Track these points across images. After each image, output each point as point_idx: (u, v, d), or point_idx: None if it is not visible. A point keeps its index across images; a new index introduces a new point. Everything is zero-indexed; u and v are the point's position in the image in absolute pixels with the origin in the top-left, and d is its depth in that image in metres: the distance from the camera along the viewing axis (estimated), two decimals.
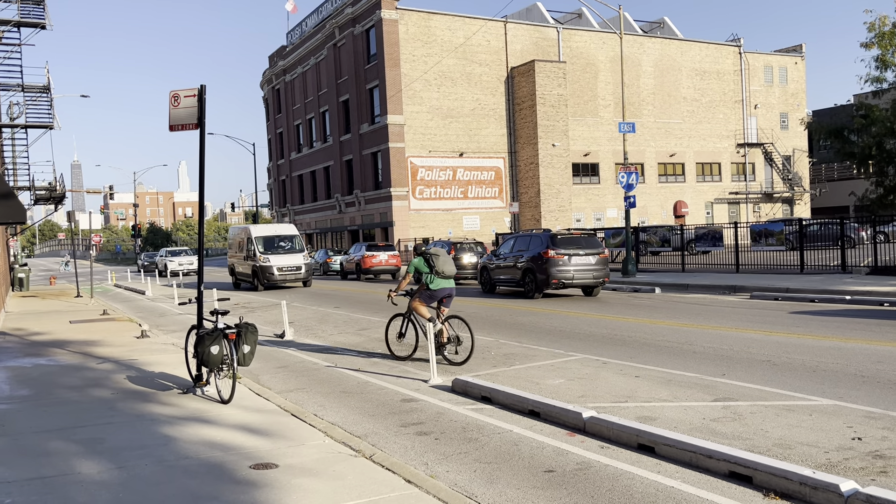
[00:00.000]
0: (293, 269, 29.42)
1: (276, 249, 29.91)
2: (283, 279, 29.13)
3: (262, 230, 30.78)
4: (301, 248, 30.80)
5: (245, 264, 30.62)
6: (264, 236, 30.09)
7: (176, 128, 9.75)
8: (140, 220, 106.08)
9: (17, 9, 25.45)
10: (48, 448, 7.25)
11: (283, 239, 30.53)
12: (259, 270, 29.24)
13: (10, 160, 30.35)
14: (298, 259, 29.83)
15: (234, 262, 32.41)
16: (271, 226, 32.75)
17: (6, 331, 17.73)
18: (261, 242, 29.73)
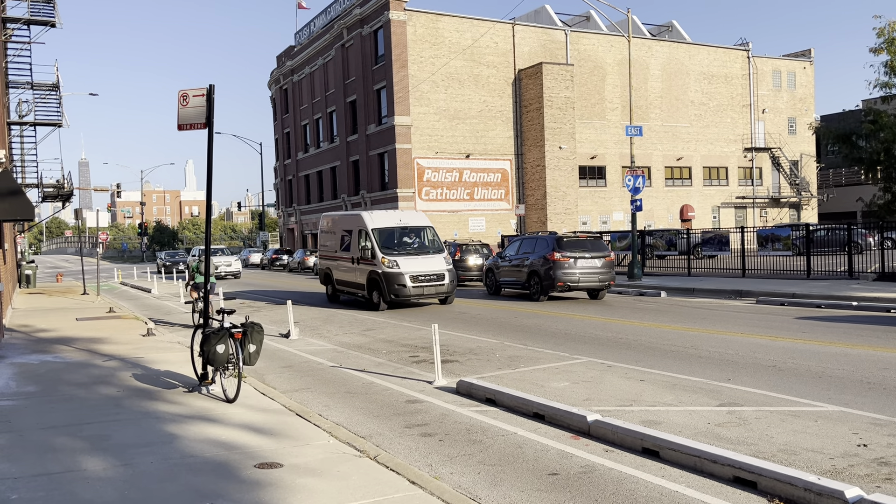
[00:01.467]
0: (433, 279, 20.11)
1: (402, 248, 20.89)
2: (418, 293, 19.94)
3: (380, 219, 21.48)
4: (439, 246, 21.46)
5: (353, 269, 21.69)
6: (383, 228, 21.07)
7: (184, 127, 9.79)
8: (147, 219, 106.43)
9: (28, 7, 25.59)
10: (54, 444, 7.29)
11: (411, 232, 21.56)
12: (382, 279, 19.94)
13: (19, 157, 30.50)
14: (438, 263, 20.52)
15: (329, 266, 23.59)
16: (390, 213, 22.41)
17: (13, 327, 17.81)
18: (379, 237, 20.68)
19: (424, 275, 19.92)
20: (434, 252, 20.91)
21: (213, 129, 9.77)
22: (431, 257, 20.55)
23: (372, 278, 20.32)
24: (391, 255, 20.07)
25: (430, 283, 19.96)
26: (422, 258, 20.35)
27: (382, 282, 19.82)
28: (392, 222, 21.33)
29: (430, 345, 10.52)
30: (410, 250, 20.76)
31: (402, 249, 20.64)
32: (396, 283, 19.70)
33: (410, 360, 12.25)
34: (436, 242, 21.49)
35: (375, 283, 20.20)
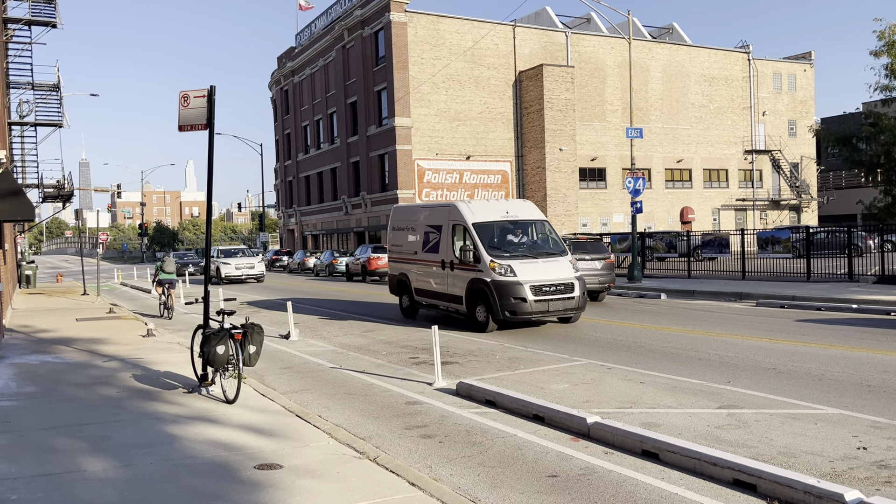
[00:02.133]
0: (560, 291, 15.25)
1: (513, 249, 16.03)
2: (541, 309, 15.04)
3: (481, 210, 16.56)
4: (561, 246, 16.67)
5: (443, 276, 16.76)
6: (487, 223, 16.19)
7: (185, 128, 9.80)
8: (147, 219, 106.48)
9: (29, 7, 25.62)
10: (54, 445, 7.29)
11: (521, 227, 16.66)
12: (492, 291, 15.02)
13: (20, 158, 30.51)
14: (564, 269, 15.64)
15: (405, 271, 18.53)
16: (493, 204, 17.27)
17: (13, 328, 17.81)
18: (482, 234, 15.91)
19: (549, 285, 15.15)
20: (557, 254, 16.10)
21: (213, 131, 9.78)
22: (555, 261, 15.76)
23: (475, 289, 15.50)
24: (502, 259, 15.32)
25: (557, 296, 15.16)
26: (542, 262, 15.59)
27: (492, 294, 14.95)
28: (497, 214, 16.50)
29: (430, 346, 10.53)
30: (525, 251, 16.04)
31: (513, 250, 15.89)
32: (512, 295, 14.80)
33: (410, 361, 12.26)
34: (556, 241, 16.69)
35: (480, 295, 15.39)
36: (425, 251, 17.54)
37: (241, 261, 37.20)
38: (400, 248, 18.95)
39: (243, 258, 37.73)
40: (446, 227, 16.77)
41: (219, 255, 38.26)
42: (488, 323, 15.35)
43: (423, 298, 17.91)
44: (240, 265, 36.78)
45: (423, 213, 18.47)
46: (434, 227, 17.36)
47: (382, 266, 34.55)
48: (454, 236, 16.44)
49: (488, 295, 15.08)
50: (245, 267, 36.88)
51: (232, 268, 36.57)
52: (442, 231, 16.90)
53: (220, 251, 39.20)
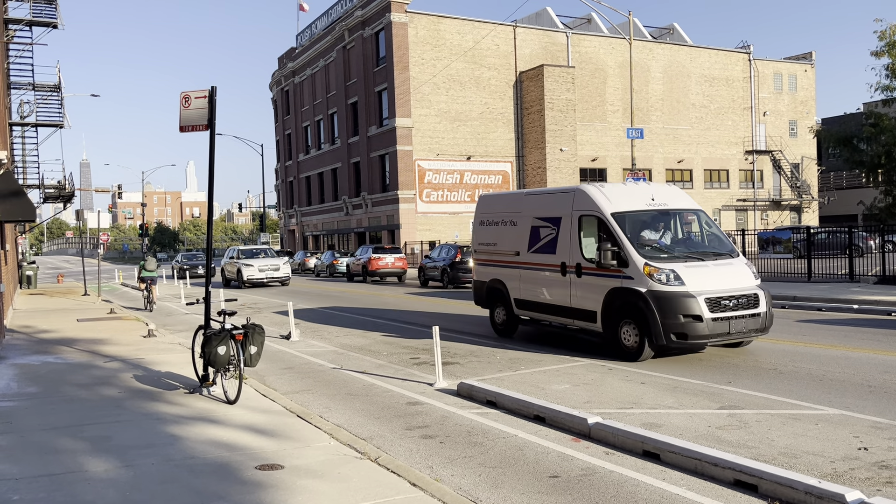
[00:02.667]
0: (743, 306, 11.38)
1: (671, 248, 12.24)
2: (721, 332, 11.11)
3: (620, 196, 12.68)
4: (728, 246, 12.72)
5: (561, 284, 12.98)
6: (632, 213, 12.42)
7: (186, 129, 9.81)
8: (148, 220, 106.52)
9: (30, 8, 25.63)
10: (56, 445, 7.30)
11: (675, 220, 12.88)
12: (651, 306, 11.16)
13: (20, 158, 30.53)
14: (742, 275, 11.82)
15: (501, 276, 14.78)
16: (631, 187, 13.32)
17: (14, 328, 17.82)
18: (629, 228, 12.12)
19: (729, 297, 11.17)
20: (726, 254, 12.19)
21: (214, 131, 9.79)
22: (727, 264, 11.85)
23: (621, 302, 11.56)
24: (660, 261, 11.42)
25: (740, 311, 11.17)
26: (713, 266, 11.65)
27: (651, 310, 11.00)
28: (641, 202, 12.50)
29: (431, 347, 10.54)
30: (687, 252, 12.10)
31: (672, 250, 12.00)
32: (681, 312, 10.91)
33: (411, 361, 12.26)
34: (721, 238, 12.87)
35: (628, 310, 11.43)
36: (533, 251, 13.69)
37: (265, 262, 33.39)
38: (492, 247, 15.07)
39: (267, 259, 33.89)
40: (568, 220, 12.83)
41: (239, 255, 34.47)
42: (641, 349, 11.26)
43: (527, 312, 14.16)
44: (263, 267, 33.02)
45: (528, 201, 14.39)
46: (547, 220, 13.46)
47: (383, 267, 34.56)
48: (581, 231, 12.54)
49: (643, 311, 11.08)
50: (269, 269, 33.14)
51: (255, 270, 32.78)
52: (561, 225, 13.00)
53: (241, 251, 35.25)
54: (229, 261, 35.50)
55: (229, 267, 34.97)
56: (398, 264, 34.93)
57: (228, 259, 36.10)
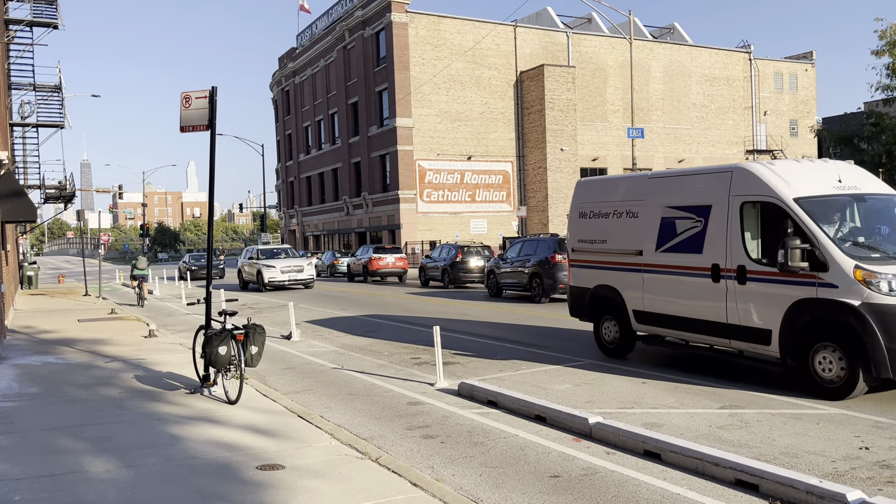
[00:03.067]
0: None
1: (882, 245, 9.20)
2: None
3: (802, 179, 9.56)
4: None
5: (710, 292, 9.99)
6: (825, 199, 9.38)
7: (187, 129, 9.81)
8: (148, 220, 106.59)
9: (30, 8, 25.64)
10: (57, 446, 7.30)
11: (868, 205, 9.70)
12: (868, 325, 8.06)
13: (21, 159, 30.55)
14: None
15: (613, 281, 11.90)
16: (810, 166, 10.01)
17: (15, 328, 17.83)
18: (823, 218, 9.09)
19: None
20: None
21: (215, 131, 9.80)
22: None
23: (822, 320, 8.72)
24: (878, 263, 8.56)
25: None
26: None
27: (871, 330, 8.14)
28: (828, 184, 9.61)
29: (432, 347, 10.54)
30: None
31: (884, 249, 9.17)
32: None
33: (412, 361, 12.26)
34: None
35: (832, 330, 8.64)
36: (665, 250, 10.81)
37: (287, 262, 30.76)
38: (600, 245, 12.12)
39: (289, 259, 31.33)
40: (724, 208, 9.92)
41: (259, 255, 31.59)
42: (851, 384, 8.35)
43: (652, 327, 11.24)
44: (286, 268, 30.32)
45: (655, 186, 11.37)
46: (687, 210, 10.54)
47: (383, 266, 34.56)
48: (745, 223, 9.66)
49: (856, 331, 8.28)
50: (292, 270, 30.40)
51: (276, 271, 30.12)
52: (711, 215, 10.10)
53: (261, 251, 32.33)
54: (248, 262, 32.33)
55: (248, 268, 32.03)
56: (399, 264, 34.91)
57: (247, 260, 32.75)
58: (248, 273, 32.05)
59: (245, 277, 32.47)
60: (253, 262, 31.45)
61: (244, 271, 32.45)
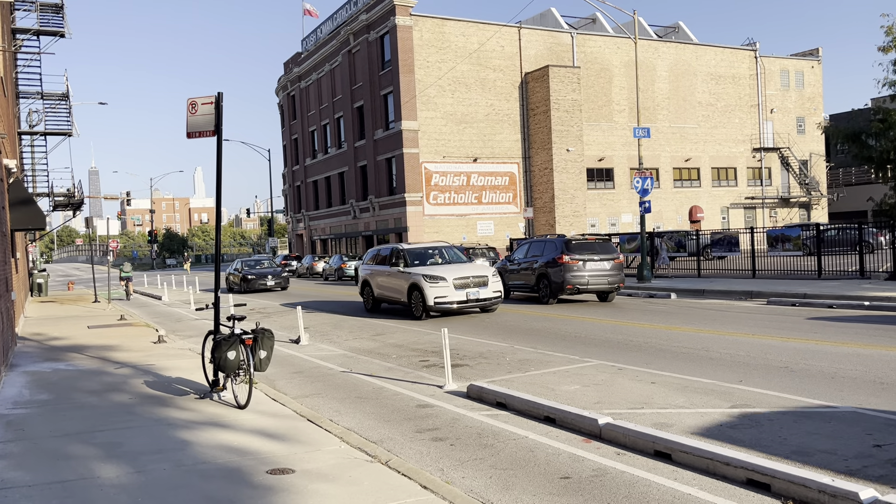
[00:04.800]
0: None
1: None
2: None
3: None
4: None
5: None
6: None
7: (193, 135, 9.85)
8: (156, 226, 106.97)
9: (37, 17, 25.80)
10: (67, 452, 7.32)
11: None
12: None
13: (30, 167, 30.73)
14: None
15: None
16: None
17: (26, 336, 17.92)
18: None
19: None
20: None
21: (221, 137, 9.83)
22: None
23: None
24: None
25: None
26: None
27: None
28: None
29: (440, 349, 10.53)
30: None
31: None
32: None
33: (420, 364, 12.26)
34: None
35: None
36: None
37: (461, 271, 18.77)
38: None
39: (462, 267, 19.21)
40: None
41: (404, 260, 19.68)
42: None
43: None
44: (462, 280, 18.40)
45: None
46: None
47: None
48: None
49: None
50: (472, 283, 18.53)
51: (449, 288, 18.33)
52: None
53: (407, 252, 20.03)
54: (381, 270, 20.67)
55: (384, 280, 20.34)
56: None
57: (375, 267, 21.13)
58: (385, 286, 20.46)
59: (380, 294, 20.86)
60: (395, 270, 19.60)
61: (378, 283, 20.86)
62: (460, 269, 19.07)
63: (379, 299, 21.01)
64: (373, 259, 21.95)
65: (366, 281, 21.60)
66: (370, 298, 21.41)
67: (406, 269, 19.27)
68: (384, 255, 21.12)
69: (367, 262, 22.21)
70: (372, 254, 22.53)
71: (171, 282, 44.67)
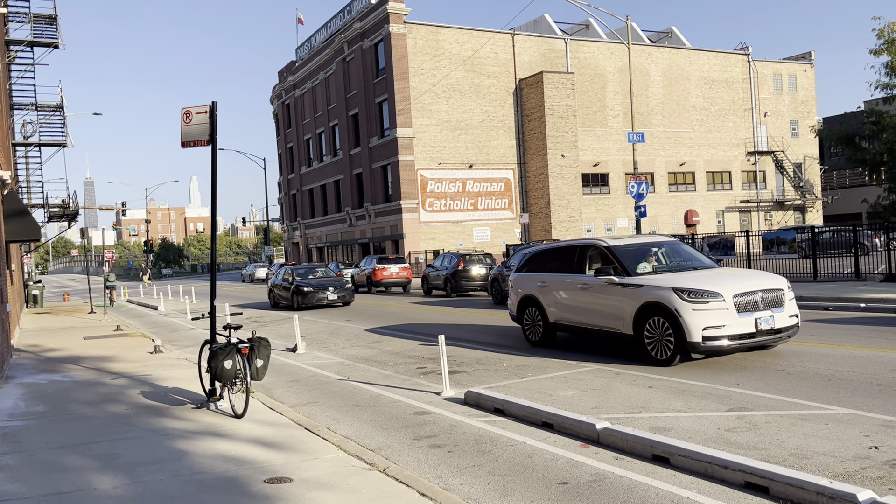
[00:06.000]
0: None
1: None
2: None
3: None
4: None
5: None
6: None
7: (188, 144, 9.84)
8: (152, 236, 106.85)
9: (31, 29, 25.82)
10: (64, 463, 7.29)
11: None
12: None
13: (25, 178, 30.67)
14: None
15: None
16: None
17: (21, 347, 17.85)
18: None
19: None
20: None
21: (216, 146, 9.82)
22: None
23: None
24: None
25: None
26: None
27: None
28: None
29: (438, 356, 10.52)
30: None
31: None
32: None
33: (418, 371, 12.24)
34: None
35: None
36: None
37: (741, 281, 11.22)
38: None
39: (722, 274, 11.90)
40: None
41: (627, 267, 12.08)
42: None
43: None
44: (745, 294, 10.88)
45: None
46: None
47: (387, 277, 34.57)
48: None
49: None
50: (764, 300, 11.02)
51: (728, 312, 10.73)
52: None
53: (621, 252, 12.47)
54: (562, 280, 13.47)
55: (575, 297, 12.97)
56: (402, 274, 34.90)
57: (549, 276, 13.84)
58: (576, 307, 12.99)
59: (566, 317, 13.26)
60: (605, 283, 12.13)
61: (559, 304, 13.40)
62: (733, 278, 11.64)
63: (558, 326, 13.48)
64: (537, 262, 14.42)
65: (530, 298, 14.10)
66: (539, 326, 13.87)
67: (630, 278, 11.88)
68: (564, 255, 13.59)
69: (525, 269, 14.70)
70: (533, 254, 14.83)
71: (167, 291, 44.58)
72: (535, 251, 15.07)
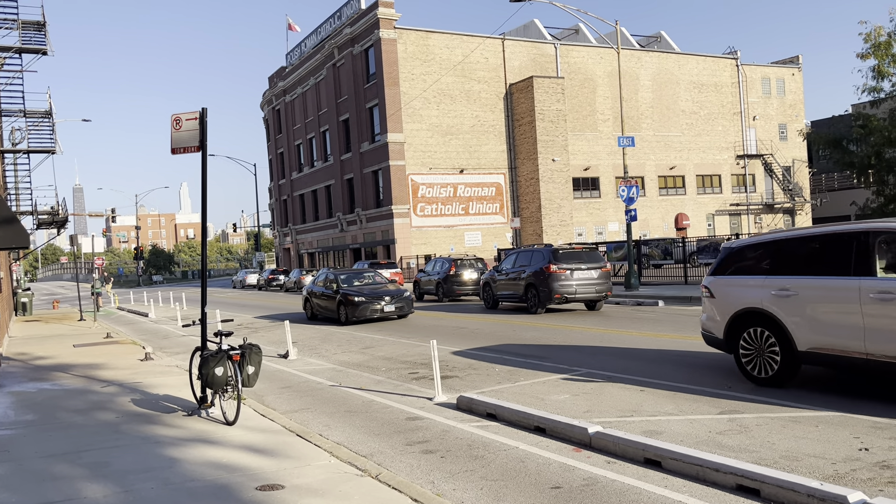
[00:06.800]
0: None
1: None
2: None
3: None
4: None
5: None
6: None
7: (178, 151, 9.82)
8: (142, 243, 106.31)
9: (19, 35, 25.68)
10: (53, 472, 7.24)
11: None
12: None
13: (13, 185, 30.50)
14: None
15: None
16: None
17: (10, 356, 17.72)
18: None
19: None
20: None
21: (206, 152, 9.80)
22: None
23: None
24: None
25: None
26: None
27: None
28: None
29: (430, 361, 10.51)
30: None
31: None
32: None
33: (410, 376, 12.23)
34: None
35: None
36: None
37: None
38: None
39: None
40: None
41: None
42: None
43: None
44: None
45: None
46: None
47: None
48: None
49: None
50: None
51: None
52: None
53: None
54: None
55: None
56: (394, 279, 34.85)
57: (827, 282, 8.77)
58: None
59: None
60: None
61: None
62: None
63: (812, 357, 8.90)
64: (757, 259, 9.81)
65: (756, 314, 9.56)
66: (772, 356, 9.38)
67: None
68: (823, 248, 8.88)
69: (731, 269, 10.17)
70: (747, 247, 10.13)
71: (157, 298, 44.35)
72: (752, 242, 10.11)
